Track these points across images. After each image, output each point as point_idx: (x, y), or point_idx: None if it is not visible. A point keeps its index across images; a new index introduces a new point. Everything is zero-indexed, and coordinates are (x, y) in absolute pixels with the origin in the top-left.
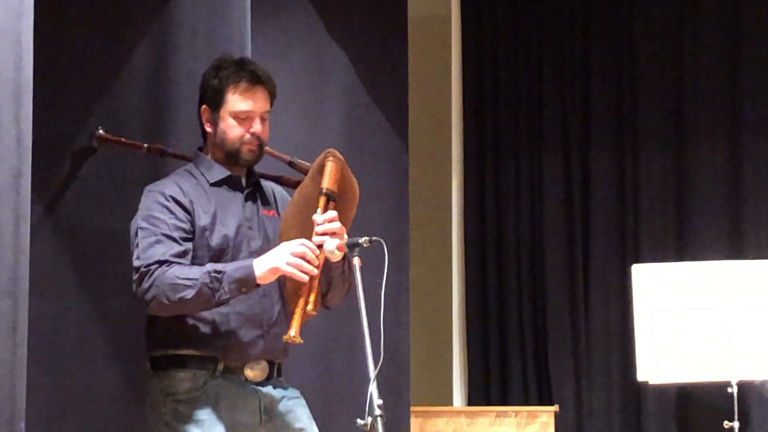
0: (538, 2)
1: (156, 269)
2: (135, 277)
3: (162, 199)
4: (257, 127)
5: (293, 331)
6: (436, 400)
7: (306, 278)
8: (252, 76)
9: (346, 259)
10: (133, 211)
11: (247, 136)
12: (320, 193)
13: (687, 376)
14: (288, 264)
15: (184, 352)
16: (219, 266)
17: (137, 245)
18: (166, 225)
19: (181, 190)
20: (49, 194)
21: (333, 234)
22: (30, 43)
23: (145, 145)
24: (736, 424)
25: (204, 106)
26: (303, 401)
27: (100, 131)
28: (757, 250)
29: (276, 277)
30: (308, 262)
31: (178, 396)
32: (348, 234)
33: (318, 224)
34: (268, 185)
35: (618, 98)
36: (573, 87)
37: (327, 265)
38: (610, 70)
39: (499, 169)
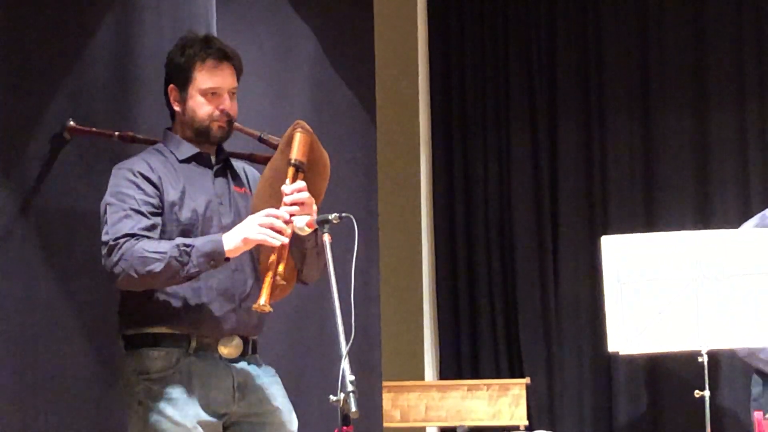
0: None
1: (124, 243)
2: (104, 251)
3: (130, 176)
4: (226, 103)
5: (262, 300)
6: (407, 375)
7: (276, 243)
8: (219, 53)
9: (318, 233)
10: (102, 191)
11: (216, 112)
12: (288, 163)
13: (657, 346)
14: (257, 233)
15: (157, 330)
16: (188, 240)
17: (106, 221)
18: (134, 200)
19: (149, 167)
20: (17, 176)
21: (302, 204)
22: None
23: (116, 132)
24: (706, 393)
25: (171, 85)
26: (278, 380)
27: (71, 123)
28: (724, 220)
29: (247, 247)
30: (278, 231)
31: (150, 375)
32: (319, 207)
33: (286, 194)
34: (239, 165)
35: (584, 68)
36: (539, 56)
37: (298, 238)
38: (577, 40)
39: (466, 142)
